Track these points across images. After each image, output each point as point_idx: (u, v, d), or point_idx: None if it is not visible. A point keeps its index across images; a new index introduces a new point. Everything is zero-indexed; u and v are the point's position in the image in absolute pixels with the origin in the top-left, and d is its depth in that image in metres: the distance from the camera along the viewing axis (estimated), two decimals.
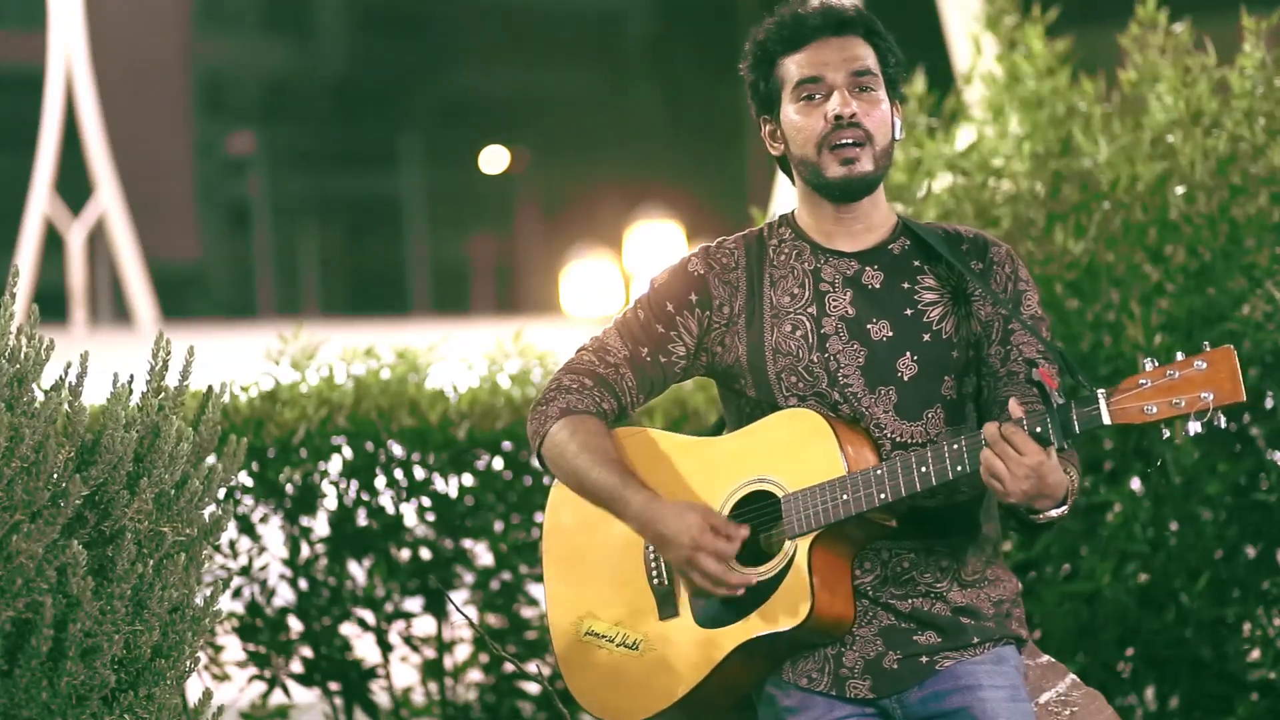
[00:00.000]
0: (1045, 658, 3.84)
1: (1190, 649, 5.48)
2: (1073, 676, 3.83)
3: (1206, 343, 3.45)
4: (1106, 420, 3.44)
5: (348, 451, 6.13)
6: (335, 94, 49.53)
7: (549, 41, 48.23)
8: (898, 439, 3.69)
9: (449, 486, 6.20)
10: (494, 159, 46.72)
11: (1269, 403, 5.41)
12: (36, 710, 3.47)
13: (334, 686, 6.23)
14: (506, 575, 6.24)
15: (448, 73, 48.74)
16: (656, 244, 38.11)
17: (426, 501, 6.19)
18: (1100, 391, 3.45)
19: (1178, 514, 5.45)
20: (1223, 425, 3.40)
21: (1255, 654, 5.49)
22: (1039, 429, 3.47)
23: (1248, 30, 5.65)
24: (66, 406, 3.60)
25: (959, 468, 3.55)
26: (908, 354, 3.72)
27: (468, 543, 6.25)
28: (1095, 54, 6.18)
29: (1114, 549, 5.46)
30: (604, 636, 3.83)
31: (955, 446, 3.55)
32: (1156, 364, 3.43)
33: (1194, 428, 3.40)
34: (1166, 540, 5.47)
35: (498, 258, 50.09)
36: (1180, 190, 5.54)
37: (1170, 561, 5.46)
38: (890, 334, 3.72)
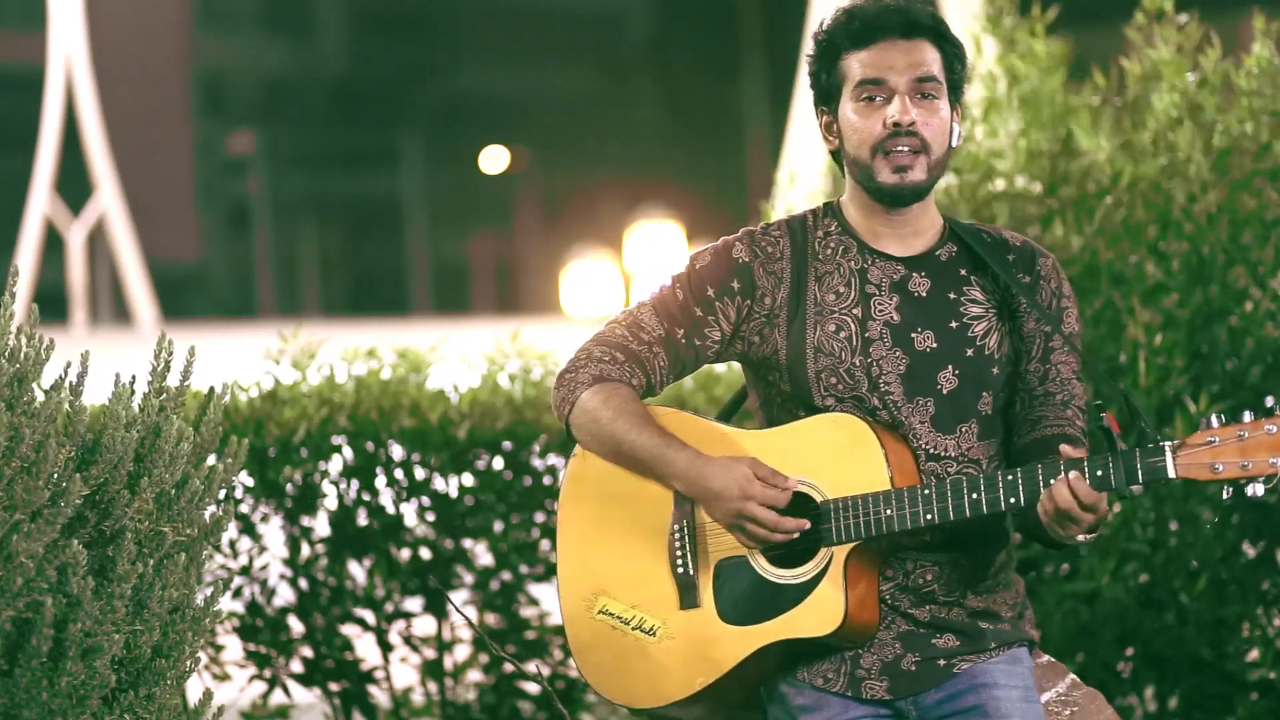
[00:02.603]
0: (1045, 658, 3.84)
1: (1190, 649, 5.48)
2: (1073, 676, 3.83)
3: (1273, 401, 3.45)
4: (1172, 474, 3.45)
5: (348, 451, 6.13)
6: (335, 94, 49.52)
7: (549, 41, 48.21)
8: (931, 450, 3.67)
9: (449, 486, 6.20)
10: (494, 159, 46.72)
11: (1269, 401, 5.41)
12: (37, 710, 3.47)
13: (334, 686, 6.23)
14: (506, 575, 6.24)
15: (448, 73, 48.73)
16: (656, 244, 38.14)
17: (426, 501, 6.19)
18: (1166, 444, 3.45)
19: (1178, 514, 5.45)
20: None
21: (1255, 654, 5.49)
22: (1099, 472, 3.47)
23: (1259, 30, 5.64)
24: (67, 406, 3.60)
25: (1011, 500, 3.54)
26: (949, 367, 3.69)
27: (468, 543, 6.25)
28: (1093, 52, 6.17)
29: (1114, 549, 5.46)
30: (618, 617, 3.78)
31: (1010, 478, 3.54)
32: (1224, 420, 3.42)
33: (1258, 489, 3.40)
34: (1166, 540, 5.47)
35: (498, 258, 50.09)
36: (1180, 187, 5.54)
37: (1170, 561, 5.46)
38: (934, 345, 3.69)
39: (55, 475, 3.52)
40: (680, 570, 3.74)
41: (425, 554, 6.20)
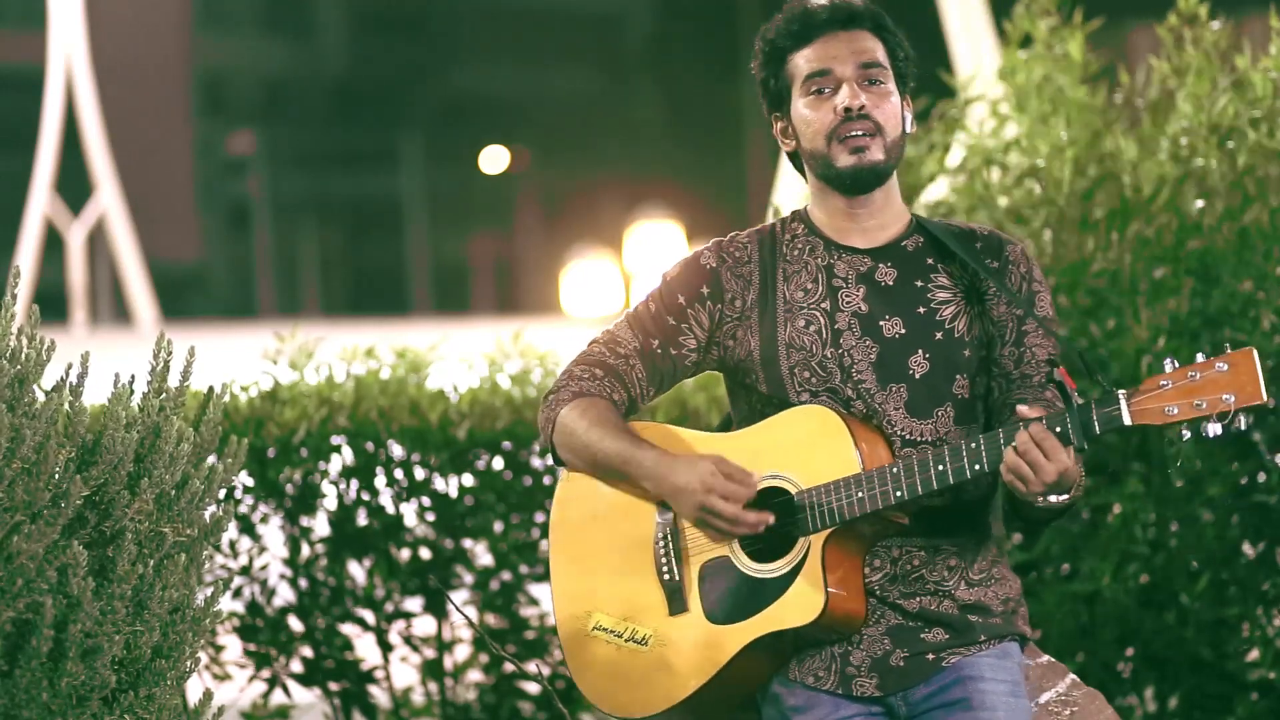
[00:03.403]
0: (1045, 658, 3.84)
1: (1190, 649, 5.48)
2: (1073, 676, 3.83)
3: (1228, 344, 3.45)
4: (1127, 421, 3.46)
5: (348, 451, 6.13)
6: (335, 94, 49.53)
7: (549, 41, 48.22)
8: (908, 436, 3.69)
9: (449, 486, 6.20)
10: (494, 159, 46.72)
11: (1270, 403, 5.40)
12: (37, 710, 3.47)
13: (334, 686, 6.23)
14: (506, 575, 6.24)
15: (448, 73, 48.74)
16: (656, 244, 38.14)
17: (426, 501, 6.19)
18: (1120, 392, 3.46)
19: (1178, 514, 5.45)
20: (1243, 427, 3.40)
21: (1255, 654, 5.49)
22: (1058, 428, 3.48)
23: (1276, 31, 5.61)
24: (67, 407, 3.60)
25: (976, 466, 3.56)
26: (920, 351, 3.72)
27: (468, 543, 6.25)
28: (1105, 50, 6.15)
29: (1114, 549, 5.46)
30: (611, 631, 3.82)
31: (974, 445, 3.56)
32: (1177, 364, 3.43)
33: (1214, 429, 3.40)
34: (1167, 541, 5.47)
35: (498, 258, 50.11)
36: (1200, 203, 5.52)
37: (1170, 562, 5.46)
38: (903, 331, 3.72)
39: (55, 476, 3.52)
40: (666, 577, 3.77)
41: (425, 554, 6.20)
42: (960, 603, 3.72)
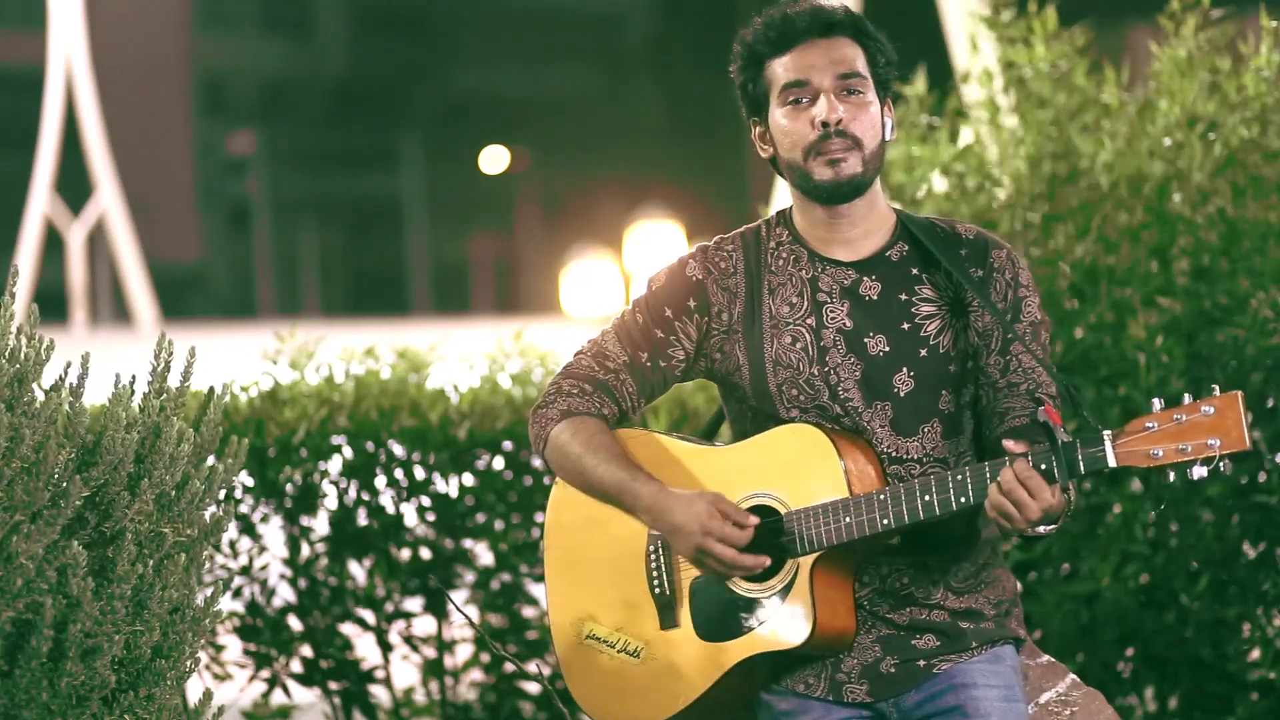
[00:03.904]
0: (1045, 658, 3.84)
1: (1190, 649, 5.48)
2: (1073, 676, 3.83)
3: (1215, 386, 3.44)
4: (1112, 463, 3.45)
5: (348, 451, 6.13)
6: (335, 94, 49.58)
7: (549, 41, 48.26)
8: (894, 454, 3.67)
9: (449, 486, 6.20)
10: (494, 159, 46.74)
11: (1270, 403, 5.41)
12: (37, 711, 3.47)
13: (334, 686, 6.24)
14: (507, 575, 6.24)
15: (448, 73, 48.78)
16: (656, 244, 38.14)
17: (427, 501, 6.19)
18: (1106, 432, 3.45)
19: (1178, 515, 5.45)
20: (1227, 471, 3.40)
21: (1255, 654, 5.49)
22: (1043, 466, 3.47)
23: (1266, 31, 5.61)
24: (67, 407, 3.60)
25: (963, 499, 3.53)
26: (904, 369, 3.68)
27: (468, 542, 6.25)
28: (1099, 48, 6.13)
29: (1114, 549, 5.46)
30: (605, 641, 3.81)
31: (959, 478, 3.54)
32: (1163, 405, 3.43)
33: (1199, 472, 3.40)
34: (1167, 541, 5.47)
35: (498, 258, 50.15)
36: (1177, 197, 5.52)
37: (1171, 562, 5.46)
38: (887, 349, 3.69)
39: (55, 476, 3.52)
40: (658, 591, 3.76)
41: (425, 554, 6.20)
42: (951, 610, 3.71)
